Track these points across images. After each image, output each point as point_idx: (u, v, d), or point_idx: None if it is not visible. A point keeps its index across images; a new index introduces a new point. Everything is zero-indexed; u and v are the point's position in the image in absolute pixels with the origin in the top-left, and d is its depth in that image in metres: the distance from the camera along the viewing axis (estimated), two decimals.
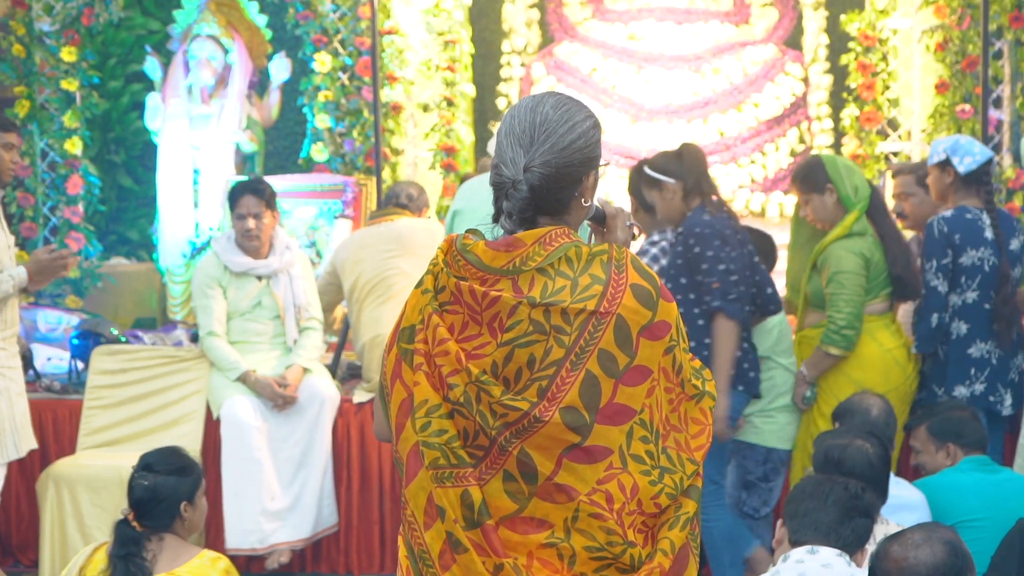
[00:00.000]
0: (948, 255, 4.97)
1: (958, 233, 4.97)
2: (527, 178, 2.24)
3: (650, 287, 2.27)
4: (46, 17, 7.73)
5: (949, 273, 4.98)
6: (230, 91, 7.66)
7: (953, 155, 5.06)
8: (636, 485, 2.23)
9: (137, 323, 7.57)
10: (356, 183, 7.34)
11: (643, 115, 7.82)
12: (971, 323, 5.01)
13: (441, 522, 2.22)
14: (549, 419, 2.19)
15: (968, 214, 5.01)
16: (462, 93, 7.93)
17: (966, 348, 5.02)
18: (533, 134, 2.25)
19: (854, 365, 4.93)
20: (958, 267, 4.99)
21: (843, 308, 4.87)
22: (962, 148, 5.08)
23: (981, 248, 4.99)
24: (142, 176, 8.53)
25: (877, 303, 5.00)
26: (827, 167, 5.01)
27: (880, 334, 4.97)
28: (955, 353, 5.02)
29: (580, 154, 2.27)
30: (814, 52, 7.89)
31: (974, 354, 5.02)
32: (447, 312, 2.27)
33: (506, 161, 2.26)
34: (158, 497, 3.69)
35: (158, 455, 3.84)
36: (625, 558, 2.22)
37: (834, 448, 3.77)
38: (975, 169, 5.03)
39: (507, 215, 2.27)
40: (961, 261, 4.99)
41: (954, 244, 4.97)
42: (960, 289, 5.01)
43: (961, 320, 5.02)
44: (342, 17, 7.72)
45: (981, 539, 3.92)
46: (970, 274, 4.99)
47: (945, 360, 5.03)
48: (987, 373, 5.02)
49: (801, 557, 3.16)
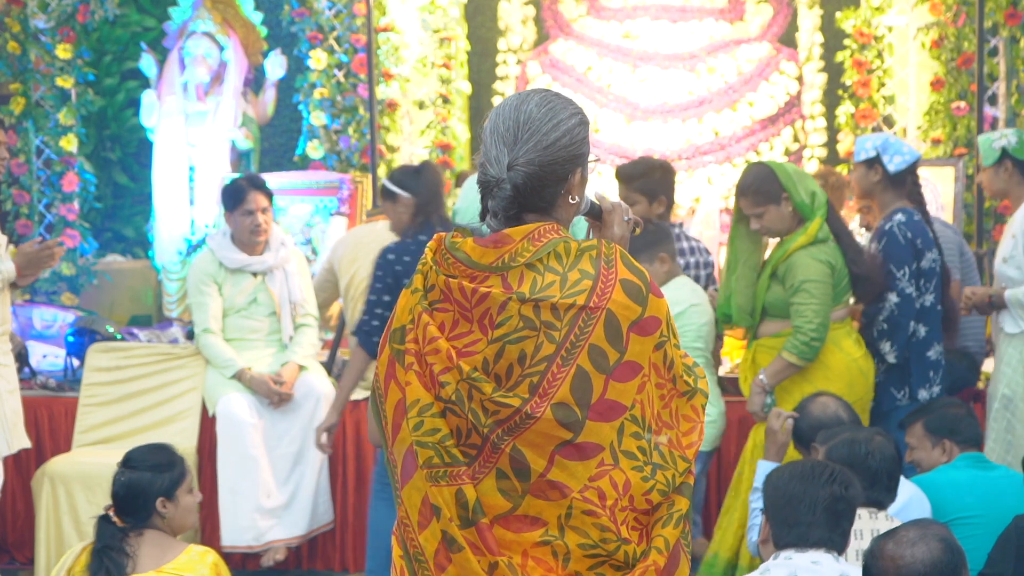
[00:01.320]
0: (914, 260, 4.95)
1: (919, 238, 4.96)
2: (511, 177, 2.23)
3: (640, 282, 2.26)
4: (41, 14, 7.72)
5: (916, 278, 4.96)
6: (226, 88, 7.66)
7: (884, 153, 5.04)
8: (628, 481, 2.23)
9: (133, 320, 7.57)
10: (352, 180, 7.34)
11: (638, 114, 7.81)
12: (929, 326, 5.00)
13: (437, 521, 2.21)
14: (541, 415, 2.19)
15: (915, 216, 5.00)
16: (458, 90, 7.93)
17: (926, 351, 5.00)
18: (517, 132, 2.24)
19: (820, 376, 4.81)
20: (920, 271, 4.97)
21: (812, 318, 4.74)
22: (892, 146, 5.06)
23: (934, 250, 5.00)
24: (138, 173, 8.53)
25: (839, 310, 4.89)
26: (779, 175, 4.83)
27: (844, 343, 4.87)
28: (917, 356, 4.99)
29: (565, 152, 2.26)
30: (809, 50, 7.89)
31: (932, 356, 5.01)
32: (437, 310, 2.27)
33: (491, 160, 2.26)
34: (133, 492, 3.69)
35: (140, 452, 3.83)
36: (619, 555, 2.22)
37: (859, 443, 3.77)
38: (903, 169, 5.01)
39: (492, 214, 2.27)
40: (922, 265, 4.97)
41: (917, 249, 4.95)
42: (920, 292, 4.99)
43: (921, 323, 4.99)
44: (337, 14, 7.72)
45: (976, 536, 3.93)
46: (928, 277, 4.98)
47: (907, 364, 4.99)
48: (940, 375, 5.02)
49: (790, 554, 3.16)
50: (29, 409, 5.83)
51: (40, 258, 5.05)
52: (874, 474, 3.67)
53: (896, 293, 4.94)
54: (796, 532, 3.18)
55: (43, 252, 5.05)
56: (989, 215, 7.09)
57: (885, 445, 3.76)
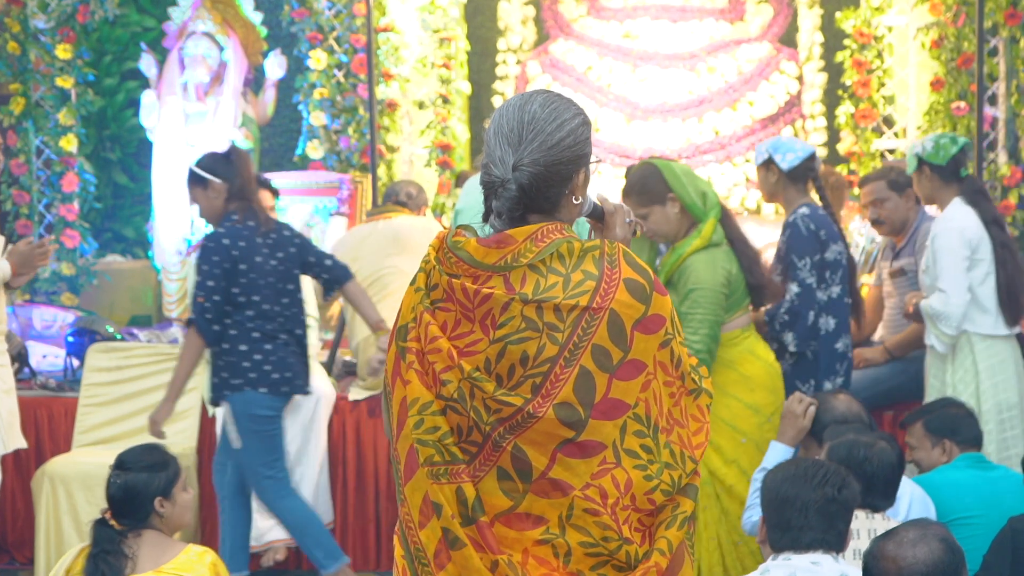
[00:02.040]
0: (818, 251, 4.93)
1: (823, 229, 4.94)
2: (516, 177, 2.23)
3: (644, 281, 2.26)
4: (41, 14, 7.72)
5: (819, 269, 4.94)
6: (225, 88, 7.65)
7: (775, 153, 5.04)
8: (630, 480, 2.22)
9: (133, 320, 7.57)
10: (352, 180, 7.34)
11: (638, 114, 7.82)
12: (837, 317, 5.00)
13: (437, 519, 2.22)
14: (543, 415, 2.19)
15: (821, 211, 5.00)
16: (458, 90, 7.93)
17: (834, 343, 5.00)
18: (521, 133, 2.25)
19: (742, 387, 4.67)
20: (824, 263, 4.95)
21: (699, 330, 4.52)
22: (783, 145, 5.07)
23: (840, 242, 4.99)
24: (137, 173, 8.53)
25: (742, 315, 4.74)
26: (665, 175, 4.62)
27: (758, 350, 4.78)
28: (825, 348, 4.99)
29: (569, 152, 2.27)
30: (809, 49, 7.89)
31: (839, 348, 5.01)
32: (439, 310, 2.27)
33: (495, 160, 2.26)
34: (130, 494, 3.69)
35: (133, 452, 3.84)
36: (621, 554, 2.21)
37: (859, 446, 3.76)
38: (798, 165, 5.00)
39: (497, 214, 2.27)
40: (827, 256, 4.95)
41: (821, 240, 4.93)
42: (826, 284, 4.97)
43: (829, 315, 4.98)
44: (337, 14, 7.72)
45: (975, 536, 3.92)
46: (833, 269, 4.96)
47: (815, 356, 4.98)
48: (845, 367, 5.04)
49: (789, 555, 3.15)
50: (29, 409, 5.83)
51: (33, 256, 5.06)
52: (870, 478, 3.65)
53: (797, 283, 4.93)
54: (789, 536, 3.17)
55: (36, 250, 5.06)
56: None
57: (886, 451, 3.75)
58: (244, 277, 5.07)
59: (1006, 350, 5.10)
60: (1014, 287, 5.07)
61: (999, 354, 5.07)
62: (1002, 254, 5.06)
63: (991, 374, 5.05)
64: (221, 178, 5.14)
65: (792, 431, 4.28)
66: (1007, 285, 5.05)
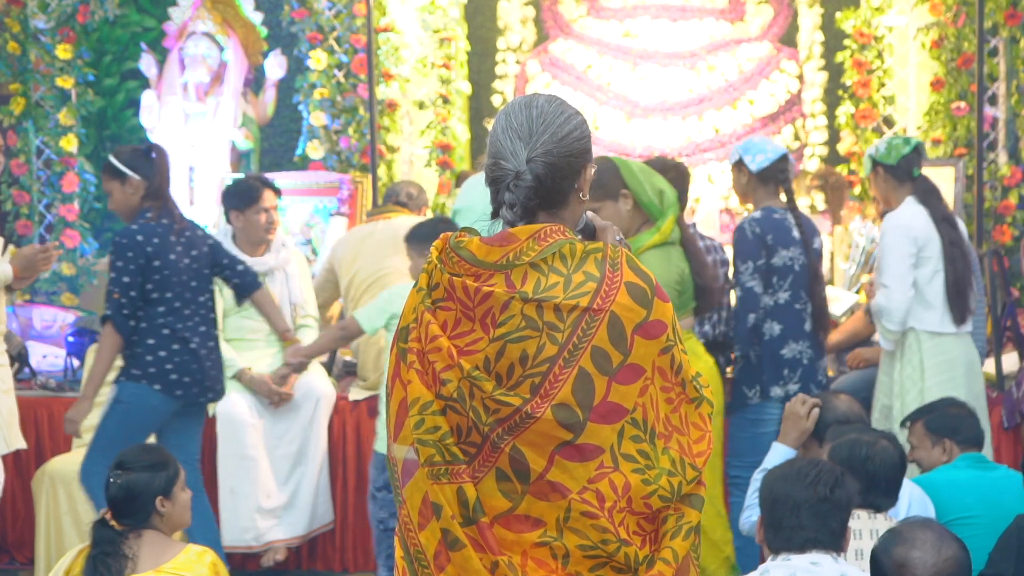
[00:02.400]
0: (763, 256, 4.93)
1: (770, 233, 4.94)
2: (531, 168, 2.26)
3: (645, 286, 2.27)
4: (41, 14, 7.72)
5: (763, 274, 4.94)
6: (225, 88, 7.66)
7: (745, 154, 5.06)
8: (628, 483, 2.23)
9: None
10: (352, 181, 7.34)
11: (638, 112, 7.82)
12: (784, 323, 4.98)
13: (437, 519, 2.22)
14: (541, 415, 2.19)
15: (775, 214, 5.00)
16: (458, 90, 7.93)
17: (779, 348, 4.98)
18: (531, 126, 2.28)
19: None
20: (771, 267, 4.95)
21: None
22: (754, 147, 5.08)
23: (791, 248, 4.97)
24: None
25: (687, 317, 4.75)
26: (622, 171, 4.64)
27: (699, 349, 4.79)
28: (769, 353, 4.98)
29: (578, 144, 2.31)
30: (809, 49, 7.89)
31: (787, 354, 4.99)
32: (440, 309, 2.28)
33: (506, 155, 2.28)
34: (131, 494, 3.69)
35: (132, 452, 3.85)
36: (619, 556, 2.22)
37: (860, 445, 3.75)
38: (768, 166, 5.01)
39: (509, 206, 2.28)
40: (773, 262, 4.95)
41: (767, 244, 4.93)
42: (773, 289, 4.96)
43: (774, 320, 4.97)
44: (337, 14, 7.72)
45: (977, 536, 3.91)
46: (782, 274, 4.96)
47: (758, 361, 4.98)
48: (800, 373, 5.00)
49: (788, 555, 3.14)
50: (29, 409, 5.83)
51: (37, 261, 5.07)
52: (871, 477, 3.65)
53: (739, 287, 4.95)
54: (782, 536, 3.17)
55: (40, 255, 5.07)
56: (989, 215, 7.09)
57: (888, 450, 3.74)
58: (158, 274, 5.04)
59: (955, 348, 5.11)
60: (962, 285, 5.09)
61: (947, 352, 5.09)
62: (952, 252, 5.09)
63: (937, 372, 5.07)
64: (140, 175, 5.09)
65: (795, 432, 4.26)
66: (955, 283, 5.08)
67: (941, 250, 5.08)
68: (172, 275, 5.07)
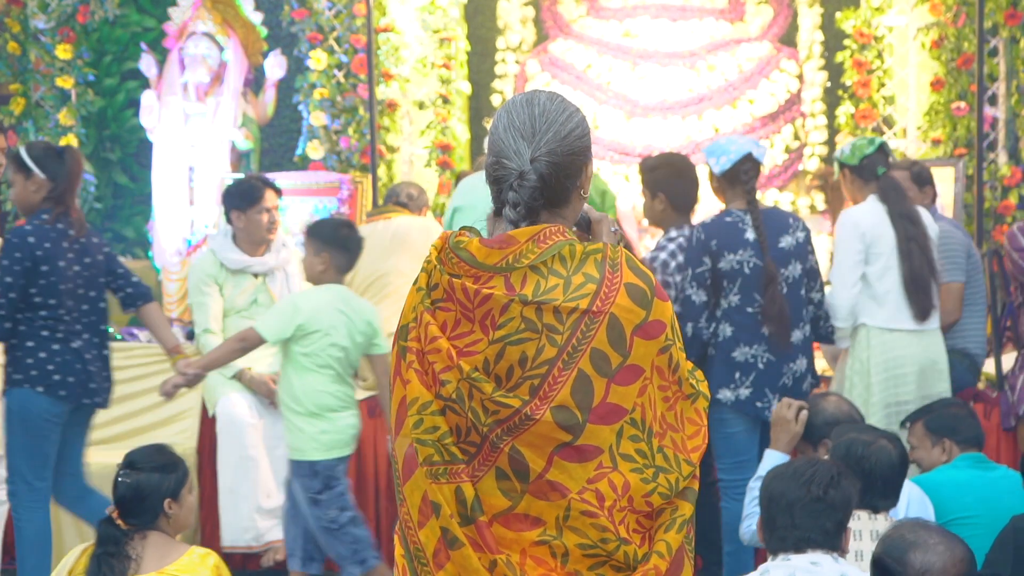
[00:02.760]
0: (705, 263, 4.89)
1: (715, 239, 4.91)
2: (535, 167, 2.25)
3: (645, 286, 2.27)
4: (41, 14, 7.73)
5: (707, 281, 4.91)
6: (225, 88, 7.66)
7: (709, 157, 5.04)
8: (627, 483, 2.23)
9: (133, 321, 7.55)
10: (352, 181, 7.34)
11: (638, 112, 7.82)
12: (735, 326, 4.92)
13: (436, 518, 2.22)
14: (540, 417, 2.19)
15: (728, 217, 4.95)
16: (457, 90, 7.93)
17: (730, 351, 4.92)
18: (534, 125, 2.27)
19: None
20: (718, 272, 4.91)
21: None
22: (718, 148, 5.04)
23: (740, 251, 4.90)
24: (138, 174, 8.53)
25: None
26: None
27: None
28: (721, 356, 4.94)
29: (580, 142, 2.30)
30: (809, 49, 7.89)
31: (738, 358, 4.92)
32: (439, 309, 2.27)
33: (509, 154, 2.26)
34: (141, 494, 3.69)
35: (142, 452, 3.83)
36: (619, 555, 2.22)
37: (857, 444, 3.74)
38: (730, 168, 4.96)
39: (513, 206, 2.27)
40: (720, 266, 4.90)
41: (711, 250, 4.90)
42: (724, 293, 4.92)
43: (726, 323, 4.93)
44: (337, 15, 7.73)
45: (976, 536, 3.90)
46: (730, 278, 4.90)
47: (710, 364, 4.94)
48: (753, 377, 4.91)
49: (788, 555, 3.14)
50: None
51: None
52: (868, 477, 3.63)
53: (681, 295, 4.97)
54: (777, 536, 3.17)
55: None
56: (989, 215, 7.10)
57: (886, 449, 3.72)
58: (44, 278, 4.96)
59: (909, 346, 5.10)
60: (921, 282, 5.09)
61: (897, 348, 5.08)
62: (908, 247, 5.09)
63: (885, 368, 5.07)
64: (46, 174, 5.02)
65: (786, 437, 4.25)
66: (912, 279, 5.08)
67: (896, 246, 5.08)
68: (59, 281, 4.97)
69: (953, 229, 5.70)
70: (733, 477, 4.92)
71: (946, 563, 2.76)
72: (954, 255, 5.52)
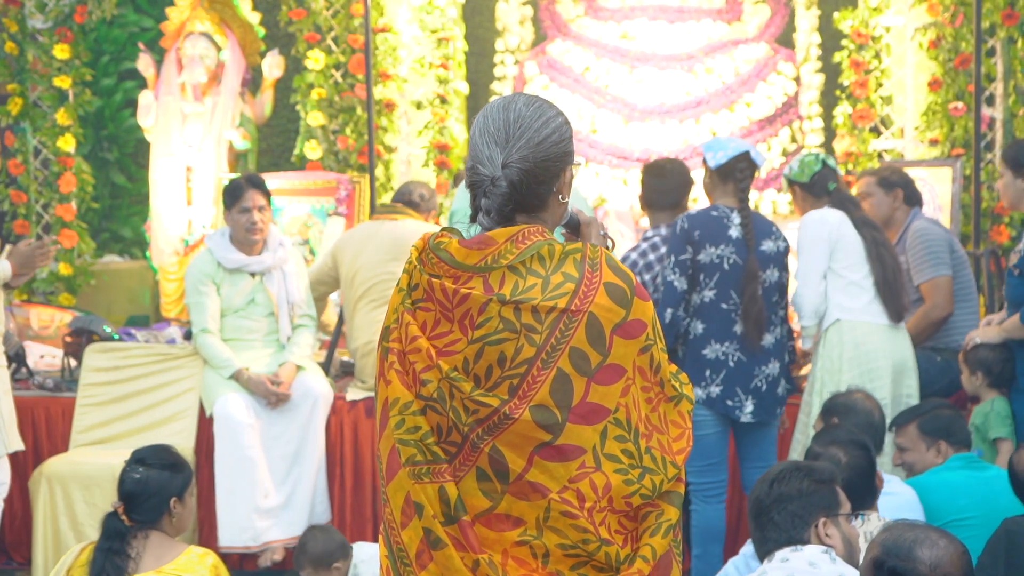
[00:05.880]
0: (688, 251, 4.89)
1: (698, 230, 4.90)
2: (506, 174, 2.25)
3: (624, 285, 2.27)
4: (39, 14, 7.73)
5: (688, 270, 4.90)
6: (223, 88, 7.65)
7: (707, 151, 5.06)
8: (609, 483, 2.23)
9: (130, 321, 7.57)
10: (349, 181, 7.34)
11: (636, 115, 7.82)
12: (707, 323, 4.89)
13: (419, 519, 2.23)
14: (519, 416, 2.20)
15: (715, 212, 4.96)
16: (455, 91, 7.93)
17: (701, 348, 4.90)
18: (508, 131, 2.27)
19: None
20: (697, 264, 4.90)
21: None
22: (718, 144, 5.08)
23: (722, 245, 4.89)
24: (135, 173, 8.54)
25: None
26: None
27: None
28: (691, 353, 4.92)
29: (556, 148, 2.29)
30: (806, 50, 7.89)
31: (708, 355, 4.89)
32: (420, 309, 2.28)
33: (483, 160, 2.27)
34: (148, 490, 3.71)
35: (151, 451, 3.86)
36: (600, 556, 2.22)
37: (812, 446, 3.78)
38: (725, 163, 4.97)
39: (485, 212, 2.28)
40: (700, 258, 4.90)
41: (694, 240, 4.89)
42: (699, 287, 4.91)
43: (698, 319, 4.91)
44: (335, 15, 7.73)
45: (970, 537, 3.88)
46: (708, 272, 4.89)
47: (682, 360, 4.92)
48: (723, 375, 4.88)
49: (786, 555, 3.13)
50: (27, 410, 5.83)
51: (34, 257, 5.07)
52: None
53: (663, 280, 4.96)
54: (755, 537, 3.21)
55: (37, 251, 5.06)
56: (987, 215, 7.10)
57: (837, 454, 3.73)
58: None
59: (883, 340, 5.09)
60: (894, 284, 5.11)
61: (871, 342, 5.07)
62: (879, 251, 5.12)
63: (859, 362, 5.06)
64: None
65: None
66: (885, 282, 5.09)
67: (864, 248, 5.11)
68: None
69: (932, 225, 5.69)
70: (702, 480, 4.90)
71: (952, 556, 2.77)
72: (937, 250, 5.50)
